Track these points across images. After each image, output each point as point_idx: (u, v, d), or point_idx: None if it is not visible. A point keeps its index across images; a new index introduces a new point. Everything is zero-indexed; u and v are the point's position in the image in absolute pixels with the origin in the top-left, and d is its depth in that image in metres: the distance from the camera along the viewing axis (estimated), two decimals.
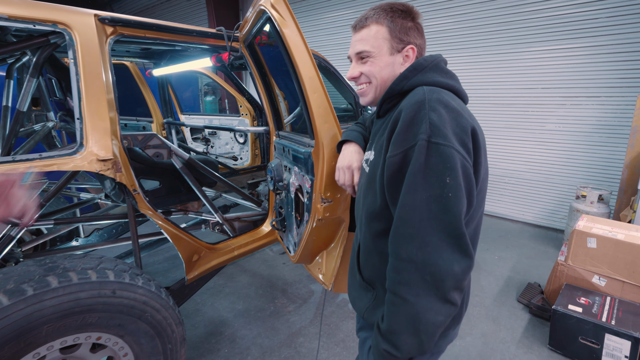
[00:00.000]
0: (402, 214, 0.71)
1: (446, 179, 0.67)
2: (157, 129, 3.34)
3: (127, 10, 9.83)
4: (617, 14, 3.29)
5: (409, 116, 0.72)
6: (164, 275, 3.02)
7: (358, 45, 0.89)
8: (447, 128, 0.70)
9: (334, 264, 1.59)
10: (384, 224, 0.83)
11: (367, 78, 0.91)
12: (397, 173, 0.73)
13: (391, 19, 0.86)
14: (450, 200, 0.67)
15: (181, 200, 2.13)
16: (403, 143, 0.72)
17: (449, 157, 0.67)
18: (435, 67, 0.85)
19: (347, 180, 1.09)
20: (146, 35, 1.67)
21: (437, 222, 0.67)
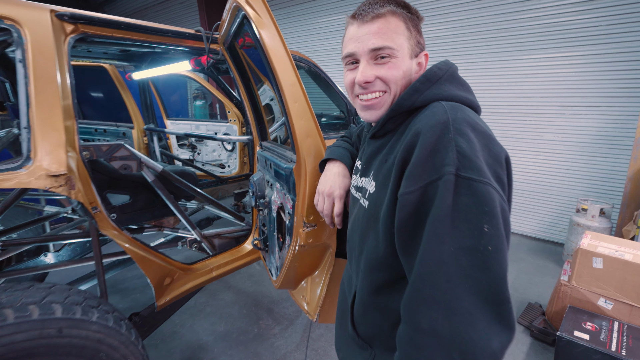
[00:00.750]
0: (422, 272, 0.54)
1: (483, 226, 0.51)
2: (138, 135, 3.16)
3: (120, 12, 9.65)
4: (618, 21, 3.19)
5: (429, 142, 0.56)
6: (141, 292, 2.82)
7: (374, 39, 0.68)
8: (480, 158, 0.53)
9: (319, 292, 1.42)
10: (389, 275, 0.67)
11: (384, 85, 0.70)
12: (414, 216, 0.56)
13: (409, 15, 0.70)
14: (489, 255, 0.50)
15: (155, 216, 1.95)
16: (422, 177, 0.55)
17: (485, 197, 0.52)
18: (451, 78, 0.69)
19: (326, 209, 0.92)
20: (114, 35, 1.50)
21: (471, 282, 0.50)
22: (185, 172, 2.09)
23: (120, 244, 1.42)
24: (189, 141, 3.88)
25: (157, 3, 8.46)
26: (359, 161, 0.87)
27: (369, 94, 0.72)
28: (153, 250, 1.61)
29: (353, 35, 0.71)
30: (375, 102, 0.72)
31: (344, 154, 0.97)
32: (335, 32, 5.29)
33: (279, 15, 5.84)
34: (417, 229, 0.56)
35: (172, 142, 3.94)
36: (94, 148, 1.47)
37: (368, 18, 0.68)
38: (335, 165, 0.95)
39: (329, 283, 1.38)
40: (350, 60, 0.73)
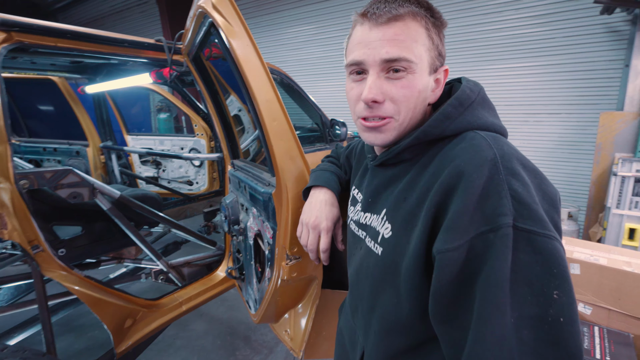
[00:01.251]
0: (481, 354, 0.42)
1: (552, 292, 0.41)
2: (94, 154, 2.88)
3: (74, 21, 9.08)
4: (572, 34, 3.38)
5: (476, 184, 0.45)
6: (101, 329, 2.51)
7: (389, 47, 0.54)
8: (538, 204, 0.44)
9: (304, 326, 1.28)
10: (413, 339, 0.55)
11: (394, 108, 0.57)
12: (458, 277, 0.45)
13: (432, 21, 0.56)
14: (561, 327, 0.40)
15: (113, 247, 1.73)
16: (469, 229, 0.44)
17: (553, 255, 0.42)
18: (483, 101, 0.58)
19: (311, 243, 0.79)
20: (58, 45, 1.31)
21: (535, 359, 0.40)
22: (147, 196, 1.89)
23: (68, 286, 1.21)
24: (152, 157, 3.62)
25: (115, 12, 8.05)
26: (356, 190, 0.75)
27: (372, 117, 0.59)
28: (110, 288, 1.40)
29: (362, 38, 0.56)
30: (378, 125, 0.59)
31: (330, 179, 0.86)
32: (306, 43, 5.25)
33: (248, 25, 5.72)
34: (463, 293, 0.45)
35: (134, 159, 3.65)
36: (34, 175, 1.25)
37: (383, 19, 0.54)
38: (322, 193, 0.83)
39: (315, 316, 1.25)
40: (356, 69, 0.59)
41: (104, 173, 3.00)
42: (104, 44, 1.45)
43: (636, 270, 2.01)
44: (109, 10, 8.13)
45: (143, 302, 1.55)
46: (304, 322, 1.30)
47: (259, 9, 5.54)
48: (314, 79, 5.28)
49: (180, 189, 3.57)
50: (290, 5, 5.21)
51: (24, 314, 1.69)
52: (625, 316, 2.04)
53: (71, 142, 2.94)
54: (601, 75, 3.29)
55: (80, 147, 2.92)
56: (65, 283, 1.21)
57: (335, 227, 0.82)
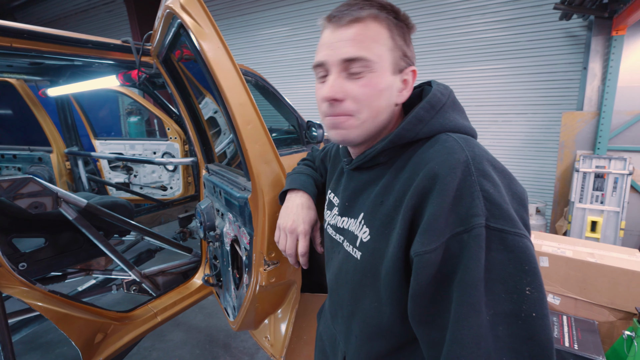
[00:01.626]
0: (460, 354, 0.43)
1: (525, 288, 0.42)
2: (59, 160, 2.72)
3: (34, 21, 8.58)
4: (534, 38, 3.55)
5: (450, 186, 0.46)
6: (69, 345, 2.38)
7: (348, 47, 0.55)
8: (508, 204, 0.45)
9: (284, 332, 1.26)
10: (394, 342, 0.56)
11: (355, 106, 0.57)
12: (435, 278, 0.46)
13: (395, 22, 0.57)
14: (533, 322, 0.41)
15: (81, 259, 1.64)
16: (444, 230, 0.45)
17: (524, 253, 0.43)
18: (454, 104, 0.59)
19: (289, 247, 0.78)
20: (13, 45, 1.23)
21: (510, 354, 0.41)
22: (117, 204, 1.80)
23: (30, 302, 1.14)
24: (122, 163, 3.47)
25: (80, 10, 7.68)
26: (332, 194, 0.75)
27: (335, 116, 0.59)
28: (77, 302, 1.33)
29: (325, 41, 0.58)
30: (341, 122, 0.60)
31: (307, 182, 0.85)
32: (280, 45, 5.22)
33: (220, 27, 5.57)
34: (440, 294, 0.46)
35: (103, 165, 3.49)
36: None
37: (344, 21, 0.56)
38: (298, 196, 0.82)
39: (295, 321, 1.23)
40: (321, 71, 0.60)
41: (70, 180, 2.85)
42: (66, 44, 1.37)
43: (598, 260, 2.13)
44: (73, 9, 7.75)
45: (114, 314, 1.47)
46: (284, 327, 1.28)
47: (232, 10, 5.46)
48: (289, 80, 5.26)
49: (154, 194, 3.45)
50: (264, 7, 5.17)
51: None
52: (590, 304, 2.16)
53: (32, 148, 2.77)
54: (562, 77, 3.48)
55: (43, 153, 2.75)
56: (26, 299, 1.13)
57: (313, 230, 0.81)
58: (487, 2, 3.72)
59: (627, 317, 2.05)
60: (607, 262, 2.09)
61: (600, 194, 2.88)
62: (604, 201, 2.87)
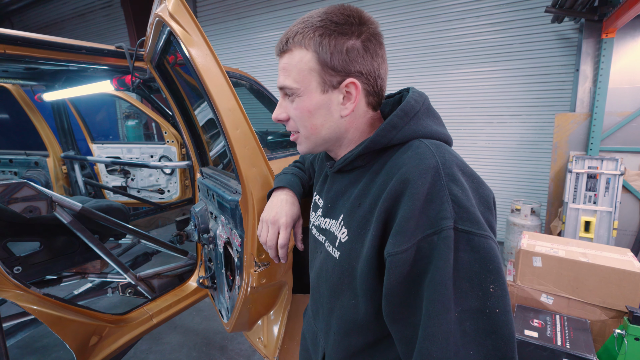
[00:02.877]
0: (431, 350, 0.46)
1: (489, 286, 0.45)
2: (55, 164, 2.74)
3: (31, 25, 8.61)
4: (527, 40, 3.59)
5: (420, 190, 0.49)
6: (65, 349, 2.39)
7: (280, 77, 0.63)
8: (475, 207, 0.48)
9: (277, 332, 1.28)
10: (369, 338, 0.58)
11: (295, 124, 0.66)
12: (407, 277, 0.49)
13: (320, 40, 0.57)
14: (497, 317, 0.45)
15: (76, 262, 1.65)
16: (415, 232, 0.48)
17: (488, 253, 0.46)
18: (428, 111, 0.62)
19: (270, 239, 0.79)
20: (7, 51, 1.25)
21: (476, 348, 0.44)
22: (112, 207, 1.82)
23: (25, 306, 1.15)
24: (119, 167, 3.49)
25: (77, 15, 7.71)
26: (317, 196, 0.77)
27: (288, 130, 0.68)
28: (72, 305, 1.34)
29: None
30: (294, 138, 0.68)
31: (292, 181, 0.88)
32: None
33: (216, 30, 5.65)
34: (412, 293, 0.49)
35: (100, 169, 3.51)
36: None
37: (277, 52, 0.64)
38: (283, 193, 0.85)
39: (287, 322, 1.25)
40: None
41: (66, 184, 2.86)
42: (60, 50, 1.39)
43: (591, 260, 2.15)
44: (70, 13, 7.78)
45: (109, 317, 1.49)
46: (276, 328, 1.30)
47: (228, 14, 5.49)
48: None
49: (151, 198, 3.46)
50: (260, 11, 5.20)
51: None
52: (582, 304, 2.19)
53: (29, 153, 2.79)
54: (555, 79, 3.52)
55: (39, 157, 2.77)
56: (20, 303, 1.15)
57: (296, 225, 0.83)
58: (480, 5, 3.76)
59: (619, 315, 2.07)
60: (599, 261, 2.12)
61: (593, 195, 2.90)
62: (597, 201, 2.90)
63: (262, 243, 0.82)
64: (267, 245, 0.81)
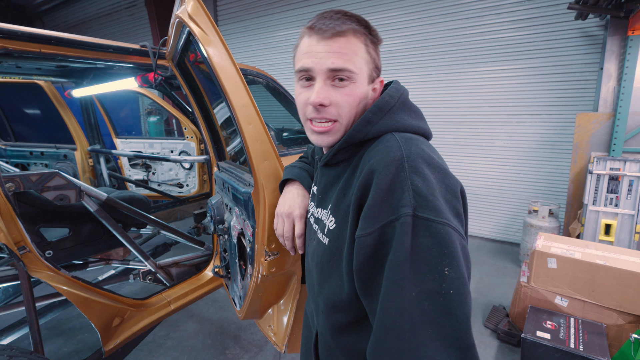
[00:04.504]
0: (385, 321, 0.50)
1: (444, 269, 0.49)
2: (82, 157, 2.89)
3: (60, 24, 9.00)
4: (550, 38, 3.49)
5: (384, 181, 0.53)
6: (90, 332, 2.53)
7: (334, 58, 0.61)
8: (437, 196, 0.51)
9: (286, 321, 1.33)
10: (352, 316, 0.63)
11: (337, 112, 0.64)
12: (372, 258, 0.54)
13: (370, 37, 0.65)
14: (451, 298, 0.48)
15: (101, 249, 1.76)
16: (379, 218, 0.53)
17: (444, 238, 0.50)
18: (403, 106, 0.65)
19: (287, 230, 0.85)
20: (42, 50, 1.34)
21: (434, 328, 0.48)
22: (135, 198, 1.92)
23: (56, 286, 1.25)
24: (142, 160, 3.63)
25: (104, 14, 8.00)
26: (315, 187, 0.82)
27: (319, 120, 0.66)
28: (97, 288, 1.43)
29: (310, 49, 0.63)
30: (326, 129, 0.66)
31: (301, 174, 0.93)
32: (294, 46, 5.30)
33: (236, 29, 5.76)
34: (376, 272, 0.54)
35: (124, 162, 3.66)
36: (20, 179, 1.29)
37: (328, 34, 0.61)
38: (294, 186, 0.90)
39: (296, 311, 1.30)
40: (305, 75, 0.65)
41: (92, 176, 3.01)
42: (89, 49, 1.49)
43: (608, 263, 2.10)
44: (97, 12, 8.09)
45: (131, 301, 1.58)
46: (285, 317, 1.35)
47: (248, 12, 5.58)
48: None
49: (171, 191, 3.59)
50: (279, 9, 5.27)
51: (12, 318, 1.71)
52: (598, 307, 2.14)
53: (58, 146, 2.95)
54: (578, 77, 3.41)
55: (68, 150, 2.93)
56: (52, 283, 1.24)
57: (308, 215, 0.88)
58: (501, 2, 3.68)
59: (636, 320, 2.02)
60: (617, 264, 2.06)
61: (614, 197, 2.82)
62: (619, 204, 2.81)
63: (279, 236, 0.88)
64: (284, 237, 0.86)
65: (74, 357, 2.23)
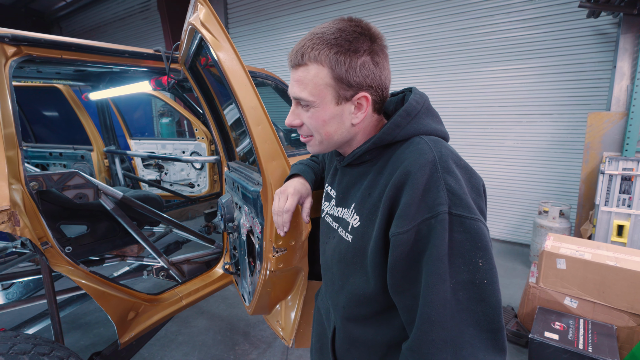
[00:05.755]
0: (430, 313, 0.54)
1: (478, 261, 0.54)
2: (98, 158, 2.99)
3: (77, 29, 9.27)
4: (560, 36, 3.45)
5: (420, 181, 0.57)
6: (105, 326, 2.62)
7: (295, 88, 0.68)
8: (467, 194, 0.56)
9: (293, 316, 1.37)
10: (375, 309, 0.67)
11: (309, 130, 0.72)
12: (408, 254, 0.57)
13: (335, 58, 0.62)
14: (485, 287, 0.53)
15: (116, 245, 1.83)
16: (415, 216, 0.56)
17: (478, 234, 0.54)
18: (427, 111, 0.70)
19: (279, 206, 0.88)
20: (63, 56, 1.42)
21: (469, 314, 0.53)
22: (149, 197, 1.99)
23: (75, 280, 1.31)
24: (155, 161, 3.73)
25: (118, 19, 8.21)
26: (329, 187, 0.85)
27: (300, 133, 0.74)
28: (114, 283, 1.50)
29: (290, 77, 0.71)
30: (307, 141, 0.74)
31: (304, 170, 0.98)
32: None
33: (246, 31, 5.84)
34: (410, 268, 0.57)
35: (137, 163, 3.77)
36: (43, 178, 1.36)
37: (293, 64, 0.68)
38: (295, 177, 0.96)
39: (303, 307, 1.34)
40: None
41: (107, 176, 3.12)
42: (106, 54, 1.56)
43: (619, 264, 2.08)
44: (111, 17, 8.30)
45: (145, 296, 1.64)
46: (293, 312, 1.39)
47: (258, 15, 5.66)
48: None
49: (182, 191, 3.68)
50: (289, 11, 5.33)
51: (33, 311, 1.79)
52: (609, 309, 2.12)
53: (76, 147, 3.06)
54: (590, 76, 3.36)
55: (85, 151, 3.03)
56: (72, 277, 1.31)
57: (305, 201, 0.92)
58: (511, 1, 3.66)
59: None
60: (628, 266, 2.04)
61: (627, 197, 2.77)
62: (632, 204, 2.76)
63: (274, 212, 0.90)
64: (275, 211, 0.89)
65: (90, 349, 2.32)
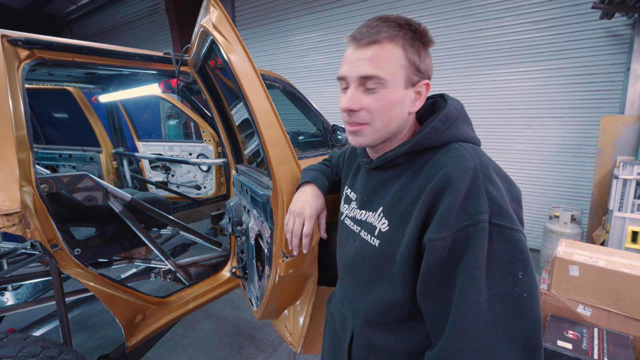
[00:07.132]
0: (462, 323, 0.52)
1: (518, 273, 0.51)
2: (107, 160, 3.01)
3: (88, 32, 9.40)
4: (572, 38, 3.40)
5: (461, 187, 0.55)
6: (113, 328, 2.62)
7: (365, 66, 0.63)
8: (508, 204, 0.54)
9: (302, 322, 1.35)
10: (402, 315, 0.65)
11: (369, 116, 0.66)
12: (444, 262, 0.55)
13: (411, 42, 0.63)
14: (525, 300, 0.50)
15: (124, 248, 1.83)
16: (454, 223, 0.54)
17: (518, 245, 0.52)
18: (464, 118, 0.69)
19: (297, 229, 0.87)
20: (75, 59, 1.42)
21: (504, 329, 0.50)
22: (156, 200, 1.99)
23: (84, 282, 1.31)
24: (162, 163, 3.75)
25: (127, 22, 8.31)
26: (349, 190, 0.83)
27: (351, 123, 0.69)
28: (121, 285, 1.49)
29: (347, 57, 0.67)
30: (357, 130, 0.68)
31: (317, 176, 0.95)
32: (310, 50, 5.35)
33: (253, 33, 5.86)
34: (444, 275, 0.55)
35: (145, 164, 3.79)
36: (53, 180, 1.36)
37: (363, 43, 0.64)
38: (308, 187, 0.93)
39: (312, 312, 1.32)
40: (343, 83, 0.69)
41: (115, 178, 3.13)
42: (117, 57, 1.56)
43: (635, 272, 2.02)
44: (121, 20, 8.40)
45: (152, 299, 1.63)
46: (301, 318, 1.37)
47: (265, 17, 5.68)
48: (319, 85, 5.38)
49: (189, 193, 3.68)
50: (296, 14, 5.34)
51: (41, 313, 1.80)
52: (625, 318, 2.06)
53: (85, 149, 3.09)
54: (603, 79, 3.30)
55: (94, 153, 3.05)
56: (81, 279, 1.31)
57: (320, 216, 0.90)
58: (521, 3, 3.61)
59: None
60: None
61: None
62: None
63: (288, 232, 0.90)
64: (292, 234, 0.88)
65: (97, 351, 2.32)
